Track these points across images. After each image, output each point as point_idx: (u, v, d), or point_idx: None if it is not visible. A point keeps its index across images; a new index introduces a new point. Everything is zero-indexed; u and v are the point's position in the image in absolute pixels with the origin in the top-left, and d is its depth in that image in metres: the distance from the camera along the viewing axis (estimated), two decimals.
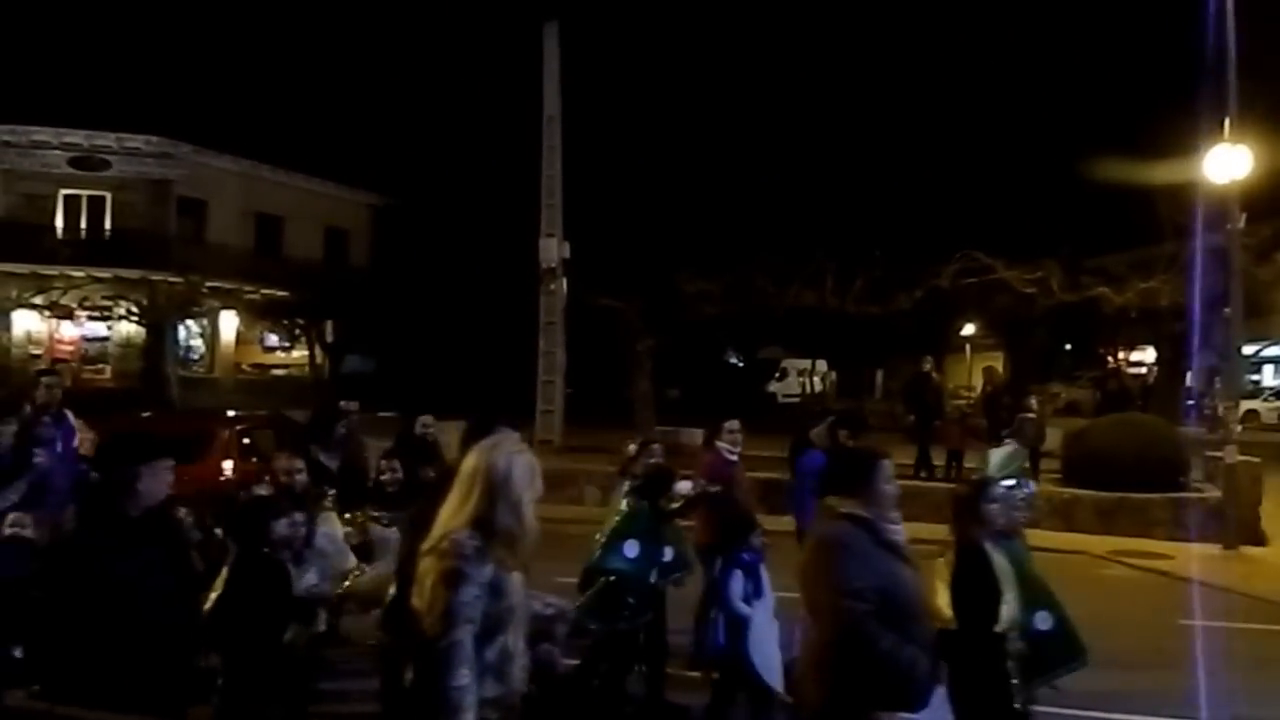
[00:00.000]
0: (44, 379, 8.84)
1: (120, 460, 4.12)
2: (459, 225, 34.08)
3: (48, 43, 34.76)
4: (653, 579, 6.68)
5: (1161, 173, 18.06)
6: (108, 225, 33.20)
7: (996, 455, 8.47)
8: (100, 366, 33.11)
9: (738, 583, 6.17)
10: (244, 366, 37.23)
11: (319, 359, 35.18)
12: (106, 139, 32.89)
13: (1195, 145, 15.03)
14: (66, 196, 33.04)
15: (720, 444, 7.87)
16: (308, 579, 5.80)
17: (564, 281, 21.78)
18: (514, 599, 3.39)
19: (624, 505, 6.81)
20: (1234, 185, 14.23)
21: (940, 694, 3.84)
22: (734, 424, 7.94)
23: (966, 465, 15.77)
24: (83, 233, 33.05)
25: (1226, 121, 14.17)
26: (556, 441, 21.00)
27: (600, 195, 23.43)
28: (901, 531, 4.00)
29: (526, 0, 21.60)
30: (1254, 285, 17.23)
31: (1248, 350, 24.57)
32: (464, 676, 3.19)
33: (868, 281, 19.45)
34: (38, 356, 32.75)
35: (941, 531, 5.03)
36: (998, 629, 4.64)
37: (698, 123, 30.29)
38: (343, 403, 10.09)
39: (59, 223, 33.01)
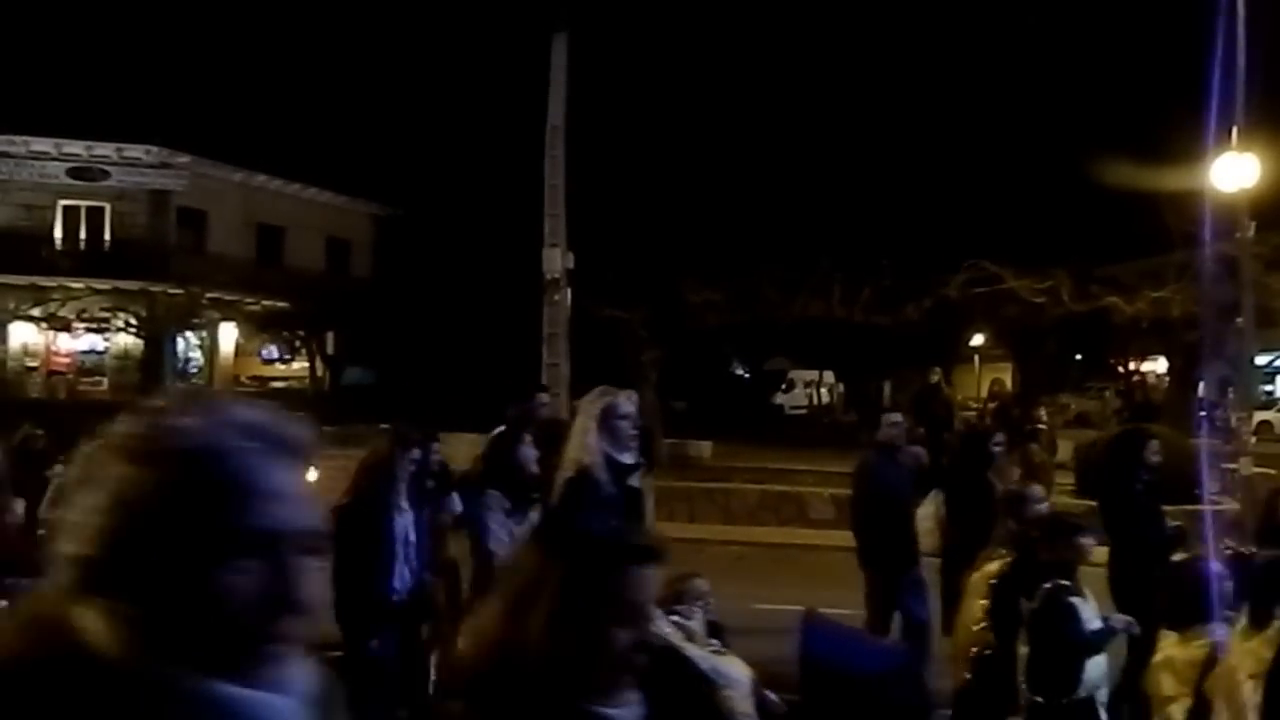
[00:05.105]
0: (540, 392, 7.49)
1: None
2: (462, 236, 33.85)
3: (47, 53, 34.58)
4: None
5: (1170, 180, 17.85)
6: (107, 236, 33.02)
7: None
8: (97, 379, 32.91)
9: None
10: (242, 379, 36.96)
11: (319, 371, 34.95)
12: (106, 149, 32.71)
13: (1203, 152, 14.85)
14: (65, 207, 32.87)
15: None
16: None
17: (568, 292, 21.56)
18: None
19: None
20: (1242, 194, 14.06)
21: None
22: None
23: None
24: (82, 244, 32.88)
25: (1234, 129, 14.01)
26: None
27: (604, 205, 23.19)
28: None
29: (534, 12, 21.37)
30: (1265, 295, 17.05)
31: (1261, 360, 24.34)
32: None
33: (875, 291, 19.27)
34: (34, 369, 32.59)
35: None
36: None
37: (703, 132, 30.08)
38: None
39: (58, 234, 32.82)
